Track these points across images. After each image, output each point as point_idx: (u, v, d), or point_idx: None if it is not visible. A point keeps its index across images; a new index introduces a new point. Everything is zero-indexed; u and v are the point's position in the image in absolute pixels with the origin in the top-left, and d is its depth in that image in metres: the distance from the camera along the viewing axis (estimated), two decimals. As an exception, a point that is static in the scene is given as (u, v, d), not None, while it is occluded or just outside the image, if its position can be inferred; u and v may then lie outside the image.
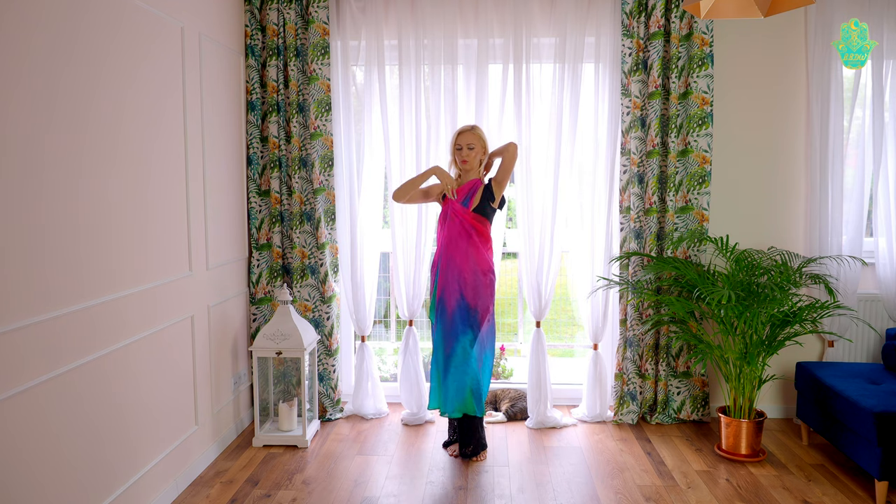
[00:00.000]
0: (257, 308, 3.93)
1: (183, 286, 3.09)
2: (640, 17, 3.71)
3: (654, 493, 3.04)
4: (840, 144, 3.75)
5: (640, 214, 3.82)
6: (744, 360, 3.37)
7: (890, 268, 3.81)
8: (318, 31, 3.76)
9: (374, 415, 4.01)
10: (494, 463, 3.38)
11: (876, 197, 3.79)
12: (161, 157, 2.88)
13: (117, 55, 2.53)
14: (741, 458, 3.38)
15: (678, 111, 3.74)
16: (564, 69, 3.79)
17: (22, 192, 2.02)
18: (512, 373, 4.84)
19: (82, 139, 2.31)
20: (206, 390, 3.34)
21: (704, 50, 3.69)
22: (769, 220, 3.93)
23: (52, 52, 2.16)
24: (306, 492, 3.05)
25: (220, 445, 3.49)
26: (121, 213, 2.56)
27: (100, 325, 2.42)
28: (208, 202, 3.35)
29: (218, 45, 3.45)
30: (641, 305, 3.85)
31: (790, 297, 3.39)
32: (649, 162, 3.78)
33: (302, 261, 3.91)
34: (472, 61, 3.85)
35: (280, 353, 3.51)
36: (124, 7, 2.57)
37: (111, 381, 2.51)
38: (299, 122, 3.83)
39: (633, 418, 3.89)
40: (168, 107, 2.94)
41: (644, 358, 3.87)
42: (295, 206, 3.86)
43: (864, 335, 3.90)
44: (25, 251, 2.04)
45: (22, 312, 2.03)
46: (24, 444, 2.05)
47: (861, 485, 3.12)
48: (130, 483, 2.63)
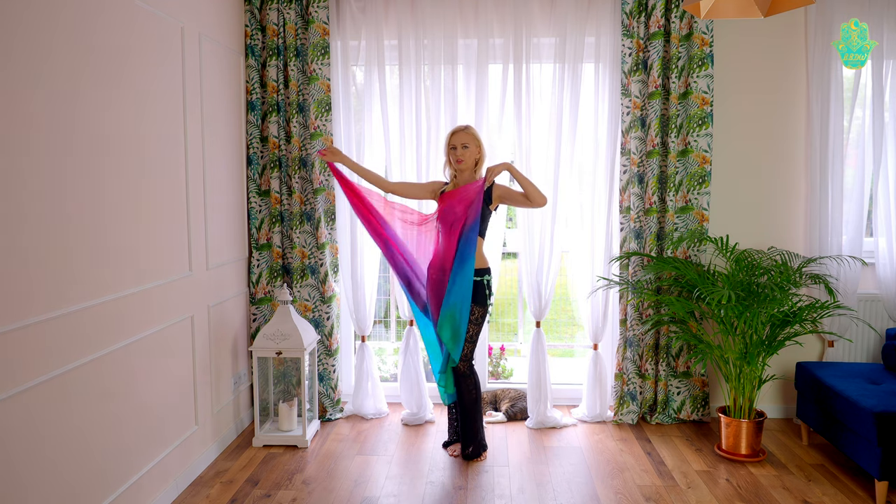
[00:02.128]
0: (257, 308, 3.93)
1: (183, 286, 3.09)
2: (640, 17, 3.71)
3: (654, 493, 3.04)
4: (840, 144, 3.75)
5: (640, 214, 3.82)
6: (744, 360, 3.37)
7: (890, 268, 3.81)
8: (318, 31, 3.76)
9: (374, 415, 4.01)
10: (494, 463, 3.38)
11: (876, 197, 3.79)
12: (161, 156, 2.88)
13: (117, 55, 2.53)
14: (741, 458, 3.38)
15: (678, 111, 3.74)
16: (564, 69, 3.79)
17: (21, 193, 2.02)
18: (512, 373, 4.84)
19: (79, 139, 2.31)
20: (206, 390, 3.34)
21: (704, 50, 3.69)
22: (769, 220, 3.93)
23: (53, 53, 2.16)
24: (306, 492, 3.05)
25: (220, 445, 3.49)
26: (120, 212, 2.56)
27: (100, 326, 2.42)
28: (208, 202, 3.35)
29: (218, 45, 3.45)
30: (641, 305, 3.85)
31: (790, 297, 3.39)
32: (649, 162, 3.78)
33: (302, 261, 3.91)
34: (472, 61, 3.85)
35: (280, 353, 3.51)
36: (124, 7, 2.57)
37: (111, 382, 2.51)
38: (299, 122, 3.83)
39: (633, 418, 3.89)
40: (168, 106, 2.94)
41: (644, 358, 3.87)
42: (295, 206, 3.86)
43: (864, 335, 3.90)
44: (25, 251, 2.04)
45: (22, 312, 2.03)
46: (24, 443, 2.05)
47: (861, 485, 3.12)
48: (131, 483, 2.63)
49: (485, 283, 3.31)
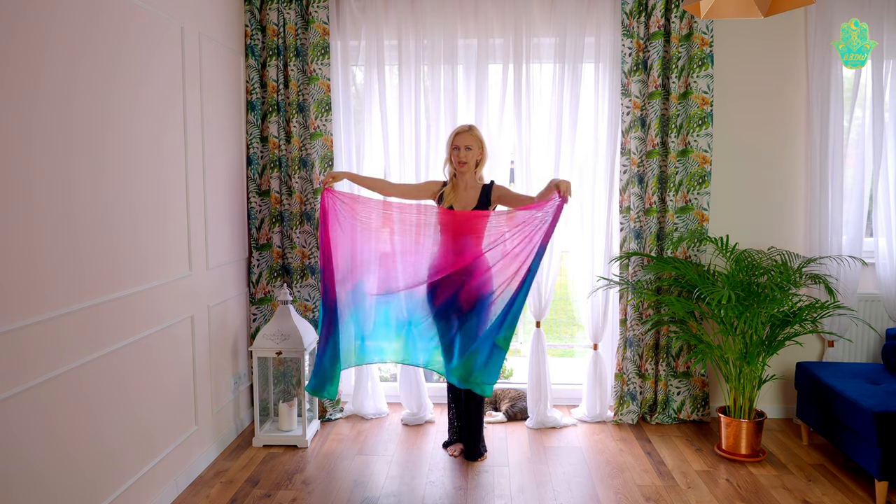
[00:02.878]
0: (257, 308, 3.93)
1: (183, 286, 3.09)
2: (640, 17, 3.71)
3: (654, 493, 3.04)
4: (840, 144, 3.75)
5: (640, 214, 3.81)
6: (744, 360, 3.37)
7: (890, 268, 3.81)
8: (318, 31, 3.76)
9: (374, 415, 4.01)
10: (494, 463, 3.38)
11: (876, 197, 3.79)
12: (161, 156, 2.88)
13: (117, 54, 2.52)
14: (741, 458, 3.38)
15: (678, 111, 3.74)
16: (564, 69, 3.79)
17: (20, 194, 2.02)
18: (512, 373, 4.85)
19: (78, 139, 2.31)
20: (206, 390, 3.34)
21: (704, 50, 3.69)
22: (769, 220, 3.93)
23: (47, 52, 2.16)
24: (306, 492, 3.05)
25: (220, 445, 3.49)
26: (119, 212, 2.56)
27: (100, 326, 2.42)
28: (208, 202, 3.35)
29: (218, 45, 3.45)
30: (641, 305, 3.85)
31: (790, 297, 3.39)
32: (649, 162, 3.78)
33: (302, 261, 3.91)
34: (472, 61, 3.85)
35: (280, 353, 3.51)
36: (124, 7, 2.57)
37: (111, 382, 2.51)
38: (299, 122, 3.83)
39: (633, 418, 3.89)
40: (168, 106, 2.94)
41: (644, 358, 3.87)
42: (295, 206, 3.86)
43: (864, 335, 3.90)
44: (25, 252, 2.04)
45: (22, 312, 2.02)
46: (25, 443, 2.05)
47: (861, 485, 3.12)
48: (131, 483, 2.63)
49: None
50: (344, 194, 3.32)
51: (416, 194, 3.46)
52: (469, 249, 3.17)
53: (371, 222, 3.28)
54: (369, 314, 3.31)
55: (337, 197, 3.24)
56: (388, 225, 3.30)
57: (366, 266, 3.30)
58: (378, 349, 3.35)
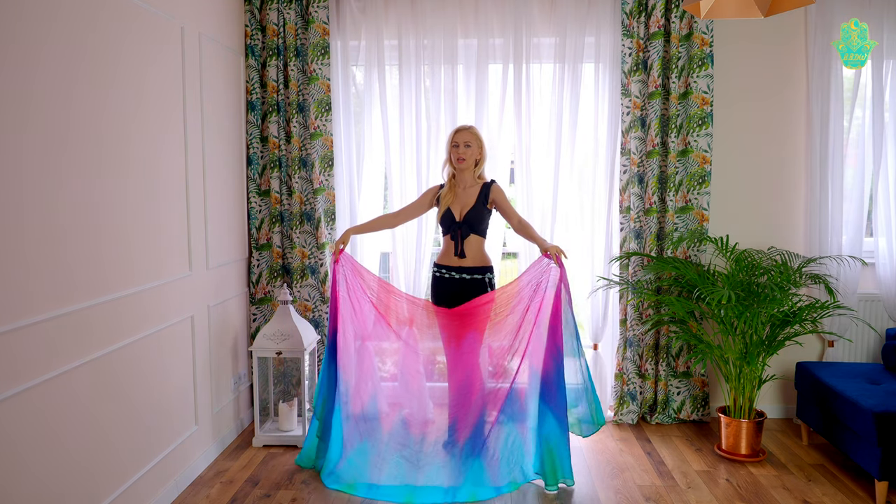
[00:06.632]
0: (257, 308, 3.93)
1: (183, 286, 3.09)
2: (640, 17, 3.71)
3: (654, 493, 3.04)
4: (840, 144, 3.75)
5: (640, 214, 3.81)
6: (744, 360, 3.37)
7: (890, 268, 3.81)
8: (318, 31, 3.76)
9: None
10: (494, 463, 3.38)
11: (876, 197, 3.79)
12: (161, 157, 2.88)
13: (117, 55, 2.52)
14: (741, 458, 3.38)
15: (678, 111, 3.74)
16: (564, 69, 3.79)
17: (20, 194, 2.02)
18: (512, 373, 4.84)
19: (78, 139, 2.31)
20: (206, 390, 3.34)
21: (704, 50, 3.69)
22: (769, 220, 3.93)
23: (52, 52, 2.16)
24: (306, 492, 3.05)
25: (220, 445, 3.49)
26: (119, 213, 2.56)
27: (99, 326, 2.42)
28: (208, 202, 3.35)
29: (218, 44, 3.45)
30: (641, 305, 3.85)
31: (790, 297, 3.39)
32: (649, 162, 3.78)
33: (302, 261, 3.91)
34: (472, 61, 3.85)
35: (280, 353, 3.51)
36: (124, 7, 2.57)
37: (110, 382, 2.51)
38: (299, 122, 3.83)
39: (633, 418, 3.89)
40: (168, 106, 2.94)
41: (644, 358, 3.87)
42: (295, 206, 3.86)
43: (864, 335, 3.90)
44: (25, 252, 2.04)
45: (22, 312, 2.02)
46: (24, 443, 2.05)
47: (861, 485, 3.12)
48: (131, 483, 2.63)
49: (486, 280, 3.32)
50: (351, 274, 3.29)
51: (417, 209, 3.47)
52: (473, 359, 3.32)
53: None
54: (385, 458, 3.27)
55: (346, 275, 3.26)
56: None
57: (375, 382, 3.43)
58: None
